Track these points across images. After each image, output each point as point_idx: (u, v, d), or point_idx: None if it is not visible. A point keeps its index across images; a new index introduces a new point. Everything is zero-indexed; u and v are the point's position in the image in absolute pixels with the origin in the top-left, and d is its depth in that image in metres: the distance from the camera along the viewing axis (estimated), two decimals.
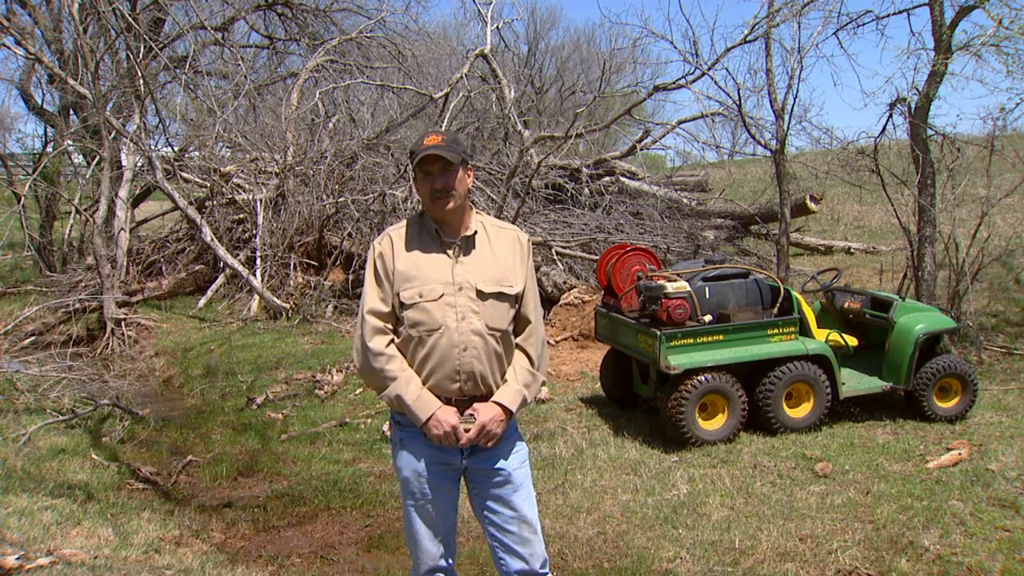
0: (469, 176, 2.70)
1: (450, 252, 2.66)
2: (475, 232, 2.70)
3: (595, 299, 8.20)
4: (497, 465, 2.70)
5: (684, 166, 16.88)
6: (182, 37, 13.75)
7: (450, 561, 2.80)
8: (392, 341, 2.65)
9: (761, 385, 5.63)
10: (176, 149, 13.68)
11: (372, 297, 2.66)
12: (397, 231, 2.72)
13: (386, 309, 2.65)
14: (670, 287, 5.50)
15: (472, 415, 2.61)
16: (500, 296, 2.64)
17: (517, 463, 2.74)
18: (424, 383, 2.62)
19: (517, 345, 2.75)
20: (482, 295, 2.62)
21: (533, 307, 2.76)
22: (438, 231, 2.67)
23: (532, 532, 2.73)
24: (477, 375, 2.62)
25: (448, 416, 2.58)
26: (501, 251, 2.71)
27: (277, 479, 5.53)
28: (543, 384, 2.82)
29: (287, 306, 9.94)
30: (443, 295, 2.60)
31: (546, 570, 2.78)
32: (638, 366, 6.17)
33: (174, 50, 14.96)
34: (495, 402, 2.65)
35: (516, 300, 2.70)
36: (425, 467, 2.67)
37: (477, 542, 4.27)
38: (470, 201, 2.77)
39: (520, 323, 2.75)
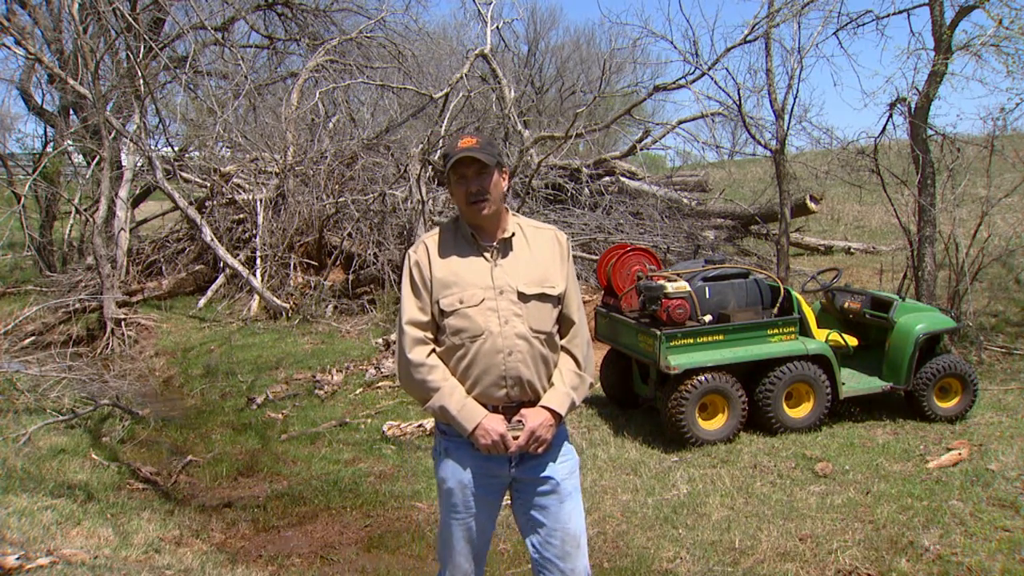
0: (504, 179, 2.63)
1: (488, 255, 2.59)
2: (512, 234, 2.62)
3: (595, 299, 8.20)
4: (545, 473, 2.60)
5: (684, 166, 16.87)
6: (182, 37, 13.74)
7: (480, 573, 2.73)
8: (433, 351, 2.58)
9: (761, 385, 5.63)
10: (176, 149, 13.68)
11: (410, 308, 2.59)
12: (432, 238, 2.65)
13: (425, 319, 2.58)
14: (670, 287, 5.50)
15: (520, 421, 2.53)
16: (542, 297, 2.57)
17: (567, 472, 2.64)
18: (469, 391, 2.54)
19: (562, 347, 2.67)
20: (524, 297, 2.55)
21: (576, 307, 2.67)
22: (474, 235, 2.60)
23: (575, 546, 2.62)
24: (524, 380, 2.54)
25: (495, 424, 2.50)
26: (540, 252, 2.63)
27: (277, 479, 5.53)
28: (591, 385, 2.71)
29: (287, 306, 9.94)
30: (484, 300, 2.53)
31: None
32: (638, 366, 6.17)
33: (174, 50, 14.96)
34: (543, 406, 2.56)
35: (558, 301, 2.62)
36: (471, 478, 2.58)
37: None
38: (505, 204, 2.69)
39: (564, 324, 2.67)
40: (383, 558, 4.31)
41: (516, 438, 2.51)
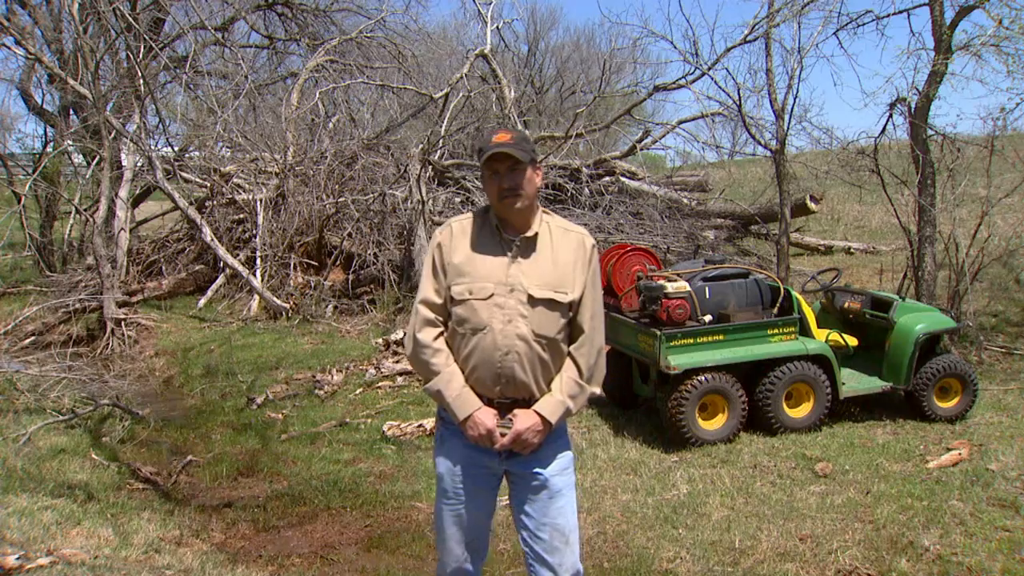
0: (538, 175, 2.62)
1: (509, 251, 2.59)
2: (537, 233, 2.62)
3: None
4: (536, 469, 2.63)
5: (684, 166, 16.85)
6: (182, 37, 13.74)
7: (476, 565, 2.75)
8: (442, 334, 2.62)
9: (761, 385, 5.63)
10: (176, 149, 13.68)
11: (427, 287, 2.64)
12: (460, 223, 2.66)
13: (439, 300, 2.61)
14: (670, 287, 5.50)
15: (511, 420, 2.57)
16: (551, 303, 2.56)
17: (558, 469, 2.66)
18: (466, 380, 2.58)
19: (569, 353, 2.65)
20: (533, 300, 2.55)
21: (590, 316, 2.64)
22: (499, 228, 2.61)
23: (563, 542, 2.64)
24: (518, 380, 2.56)
25: (486, 418, 2.55)
26: (562, 255, 2.61)
27: (277, 479, 5.52)
28: (595, 395, 2.70)
29: (287, 306, 9.94)
30: (493, 295, 2.54)
31: None
32: (638, 366, 6.17)
33: (174, 50, 14.96)
34: (535, 411, 2.58)
35: (568, 308, 2.60)
36: (461, 468, 2.64)
37: None
38: (537, 201, 2.69)
39: (575, 331, 2.65)
40: (383, 558, 4.31)
41: (504, 435, 2.56)
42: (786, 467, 5.13)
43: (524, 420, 2.56)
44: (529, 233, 2.60)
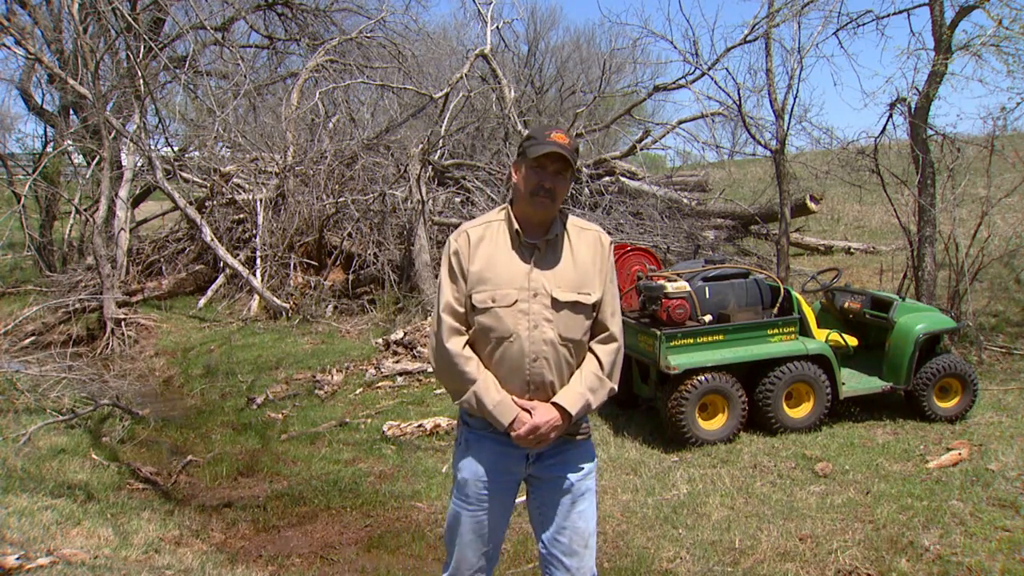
0: (570, 184, 2.59)
1: (528, 255, 2.53)
2: (557, 235, 2.56)
3: None
4: (561, 472, 2.59)
5: (684, 166, 16.85)
6: (182, 37, 13.75)
7: (489, 571, 2.70)
8: (468, 342, 2.55)
9: (761, 385, 5.63)
10: (176, 149, 13.69)
11: (448, 295, 2.54)
12: (475, 228, 2.58)
13: (461, 309, 2.54)
14: (670, 287, 5.50)
15: (529, 413, 2.50)
16: (576, 306, 2.51)
17: (582, 474, 2.62)
18: None
19: (590, 348, 2.60)
20: (557, 304, 2.50)
21: (611, 313, 2.60)
22: (519, 231, 2.54)
23: (582, 545, 2.60)
24: (547, 384, 2.52)
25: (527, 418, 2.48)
26: (582, 255, 2.57)
27: (277, 479, 5.53)
28: (612, 392, 2.63)
29: (287, 306, 9.95)
30: (517, 301, 2.48)
31: None
32: (638, 366, 6.17)
33: (174, 50, 14.97)
34: (555, 403, 2.51)
35: (592, 310, 2.56)
36: (487, 473, 2.57)
37: None
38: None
39: (598, 328, 2.61)
40: (383, 558, 4.31)
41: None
42: (786, 467, 5.13)
43: (543, 414, 2.48)
44: (549, 236, 2.55)
